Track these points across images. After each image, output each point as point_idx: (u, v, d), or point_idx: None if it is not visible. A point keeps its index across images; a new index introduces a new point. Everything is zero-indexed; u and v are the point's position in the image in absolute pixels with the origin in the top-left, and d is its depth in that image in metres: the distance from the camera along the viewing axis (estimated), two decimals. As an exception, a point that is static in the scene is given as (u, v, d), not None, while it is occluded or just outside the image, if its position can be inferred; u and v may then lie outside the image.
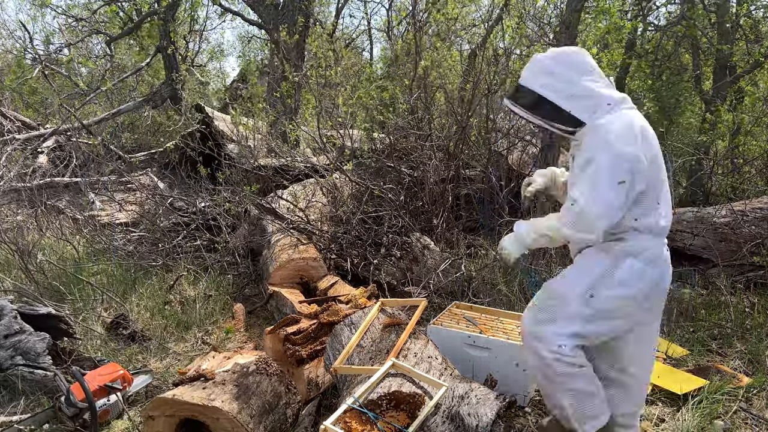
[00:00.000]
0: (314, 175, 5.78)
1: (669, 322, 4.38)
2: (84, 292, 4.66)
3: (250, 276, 5.36)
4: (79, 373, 3.04)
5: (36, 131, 8.72)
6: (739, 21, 8.26)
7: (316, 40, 7.43)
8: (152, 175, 7.61)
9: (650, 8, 9.76)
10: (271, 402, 2.77)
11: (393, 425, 2.18)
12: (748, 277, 5.11)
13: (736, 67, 8.63)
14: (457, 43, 8.56)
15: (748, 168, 7.43)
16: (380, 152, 5.99)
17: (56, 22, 13.10)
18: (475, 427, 2.14)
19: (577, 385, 2.26)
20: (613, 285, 2.21)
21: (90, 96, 10.19)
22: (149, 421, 2.63)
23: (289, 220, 5.26)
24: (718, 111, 7.45)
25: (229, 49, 32.76)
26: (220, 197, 5.63)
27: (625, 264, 2.21)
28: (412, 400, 2.29)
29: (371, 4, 27.20)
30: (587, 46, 9.23)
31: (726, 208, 5.70)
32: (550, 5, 9.67)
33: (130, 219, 6.74)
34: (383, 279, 4.89)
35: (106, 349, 3.94)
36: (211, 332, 4.33)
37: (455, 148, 5.92)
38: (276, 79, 7.29)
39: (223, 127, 7.28)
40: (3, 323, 3.44)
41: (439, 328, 3.26)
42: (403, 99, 6.30)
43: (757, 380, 3.41)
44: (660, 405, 3.18)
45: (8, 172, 7.18)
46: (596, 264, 2.26)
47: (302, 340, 3.33)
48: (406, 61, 6.87)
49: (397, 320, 2.97)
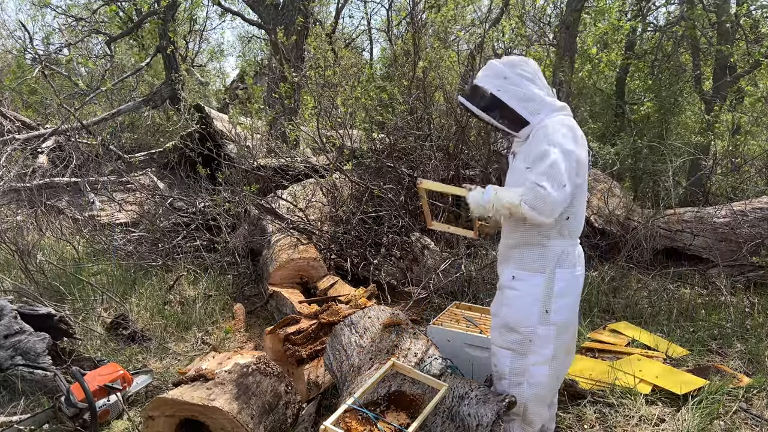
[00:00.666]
0: (314, 175, 5.78)
1: (669, 322, 4.39)
2: (84, 292, 4.66)
3: (250, 276, 5.36)
4: (79, 373, 3.03)
5: (36, 131, 8.72)
6: (739, 21, 8.26)
7: (315, 40, 7.43)
8: (152, 175, 7.61)
9: (650, 8, 9.77)
10: (271, 402, 2.77)
11: (393, 425, 2.18)
12: (748, 277, 5.11)
13: (736, 67, 8.64)
14: (456, 43, 8.56)
15: (748, 168, 7.44)
16: (380, 152, 5.99)
17: (56, 22, 13.12)
18: (475, 427, 2.14)
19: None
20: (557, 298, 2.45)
21: (90, 96, 10.19)
22: (149, 421, 2.63)
23: (289, 220, 5.26)
24: (718, 111, 7.46)
25: (229, 49, 32.82)
26: (219, 197, 5.63)
27: (556, 276, 2.45)
28: (412, 400, 2.29)
29: (371, 4, 27.21)
30: (587, 46, 9.25)
31: (726, 208, 5.71)
32: (550, 5, 9.68)
33: (129, 219, 6.74)
34: (383, 279, 4.90)
35: (106, 349, 3.94)
36: (211, 332, 4.33)
37: (455, 148, 5.92)
38: (275, 79, 7.28)
39: (223, 127, 7.29)
40: (3, 323, 3.44)
41: (439, 328, 3.26)
42: (402, 99, 6.30)
43: (757, 380, 3.41)
44: (660, 405, 3.19)
45: (8, 172, 7.18)
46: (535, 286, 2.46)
47: (302, 340, 3.32)
48: (406, 61, 6.87)
49: (397, 320, 2.97)
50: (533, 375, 2.49)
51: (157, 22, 9.84)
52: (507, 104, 2.42)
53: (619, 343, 3.99)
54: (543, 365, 2.49)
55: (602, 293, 4.80)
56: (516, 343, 2.49)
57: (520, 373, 2.50)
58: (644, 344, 3.97)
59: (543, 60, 8.07)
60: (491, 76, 2.46)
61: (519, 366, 2.50)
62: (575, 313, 2.57)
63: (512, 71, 2.43)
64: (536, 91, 2.44)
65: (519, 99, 2.41)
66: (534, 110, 2.42)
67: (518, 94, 2.41)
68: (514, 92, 2.42)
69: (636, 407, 3.10)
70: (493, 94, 2.43)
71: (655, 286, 5.05)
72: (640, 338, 4.04)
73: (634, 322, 4.37)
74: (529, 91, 2.42)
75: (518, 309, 2.48)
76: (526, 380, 2.49)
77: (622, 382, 3.33)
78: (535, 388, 2.50)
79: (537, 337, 2.45)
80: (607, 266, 5.32)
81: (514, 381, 2.49)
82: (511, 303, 2.51)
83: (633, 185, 8.03)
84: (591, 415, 3.11)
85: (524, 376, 2.49)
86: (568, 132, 2.35)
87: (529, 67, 2.47)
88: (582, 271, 2.56)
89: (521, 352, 2.48)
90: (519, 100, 2.41)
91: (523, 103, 2.41)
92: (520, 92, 2.42)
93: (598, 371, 3.53)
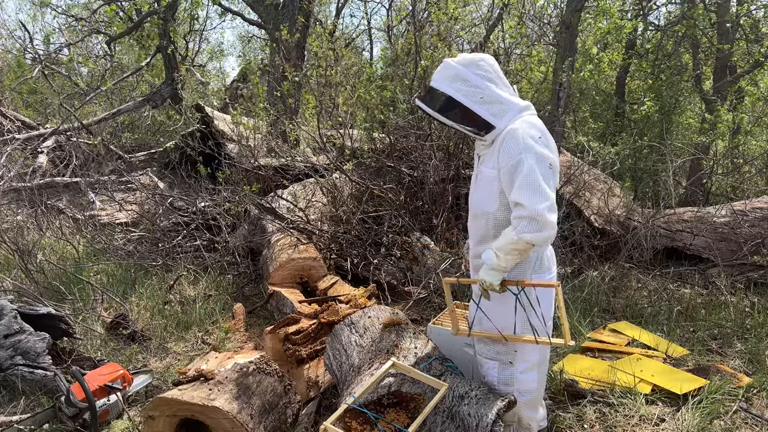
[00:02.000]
0: (314, 175, 5.77)
1: (669, 321, 4.38)
2: (84, 292, 4.67)
3: (250, 276, 5.36)
4: (79, 373, 3.04)
5: (36, 131, 8.72)
6: (739, 21, 8.26)
7: (316, 40, 7.42)
8: (152, 175, 7.61)
9: (650, 8, 9.76)
10: (271, 402, 2.77)
11: (393, 425, 2.18)
12: (748, 277, 5.11)
13: (736, 67, 8.63)
14: (457, 42, 8.56)
15: (748, 168, 7.43)
16: (380, 152, 5.99)
17: (56, 21, 13.11)
18: (475, 427, 2.13)
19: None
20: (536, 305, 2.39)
21: (90, 96, 10.19)
22: (149, 421, 2.63)
23: (289, 220, 5.26)
24: (718, 111, 7.45)
25: (229, 49, 32.76)
26: (220, 197, 5.63)
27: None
28: (412, 400, 2.29)
29: (371, 4, 27.16)
30: (587, 46, 9.24)
31: (726, 208, 5.70)
32: (550, 5, 9.68)
33: (130, 219, 6.74)
34: (383, 279, 4.89)
35: (106, 349, 3.94)
36: (211, 332, 4.33)
37: (455, 147, 5.91)
38: (276, 78, 7.28)
39: (223, 126, 7.29)
40: (3, 323, 3.44)
41: (439, 328, 3.26)
42: (403, 99, 6.29)
43: (757, 380, 3.41)
44: (660, 405, 3.18)
45: (8, 172, 7.18)
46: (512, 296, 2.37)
47: (302, 340, 3.33)
48: (406, 60, 6.87)
49: (397, 320, 2.97)
50: (522, 383, 2.46)
51: (157, 22, 9.84)
52: (469, 108, 2.27)
53: (619, 342, 3.99)
54: (531, 371, 2.47)
55: (602, 293, 4.79)
56: (501, 353, 2.46)
57: (508, 382, 2.47)
58: (644, 344, 3.97)
59: (543, 60, 8.08)
60: (449, 78, 2.29)
61: (506, 375, 2.47)
62: (552, 312, 2.51)
63: (471, 72, 2.28)
64: (499, 92, 2.29)
65: (482, 102, 2.27)
66: (499, 113, 2.28)
67: (479, 96, 2.27)
68: (476, 95, 2.26)
69: (636, 407, 3.10)
70: (452, 97, 2.28)
71: (655, 286, 5.05)
72: (640, 338, 4.04)
73: (634, 322, 4.37)
74: (492, 93, 2.28)
75: (498, 320, 2.42)
76: (516, 389, 2.46)
77: (622, 381, 3.33)
78: (526, 396, 2.47)
79: (521, 345, 2.42)
80: (607, 266, 5.31)
81: (504, 391, 2.44)
82: (491, 314, 2.44)
83: (633, 185, 8.02)
84: (591, 414, 3.11)
85: (513, 385, 2.47)
86: (538, 134, 2.24)
87: (489, 66, 2.32)
88: (555, 270, 2.52)
89: (507, 361, 2.45)
90: (482, 104, 2.27)
91: (487, 105, 2.27)
92: (482, 95, 2.27)
93: (599, 371, 3.53)
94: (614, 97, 9.89)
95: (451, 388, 2.35)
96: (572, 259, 5.33)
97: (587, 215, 5.85)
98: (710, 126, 7.62)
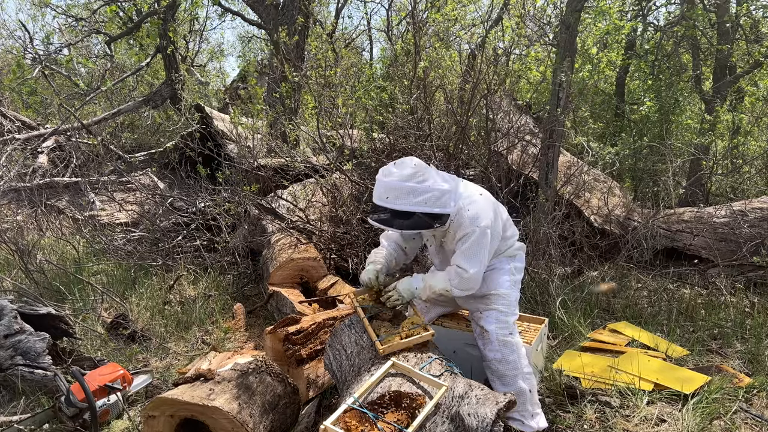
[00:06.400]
0: (314, 175, 5.77)
1: (669, 322, 4.39)
2: (84, 292, 4.67)
3: (250, 276, 5.36)
4: (79, 373, 3.03)
5: (36, 131, 8.72)
6: (739, 21, 8.26)
7: (315, 41, 7.43)
8: (152, 175, 7.61)
9: (650, 8, 9.76)
10: (271, 402, 2.77)
11: (393, 425, 2.18)
12: (748, 277, 5.11)
13: (735, 67, 8.64)
14: (456, 43, 8.56)
15: (748, 168, 7.44)
16: (380, 152, 5.99)
17: (56, 22, 13.09)
18: (475, 427, 2.13)
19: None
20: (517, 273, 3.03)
21: (90, 96, 10.19)
22: (149, 420, 2.63)
23: (289, 220, 5.26)
24: (718, 111, 7.46)
25: (229, 49, 32.80)
26: (219, 197, 5.63)
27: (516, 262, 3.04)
28: (412, 400, 2.29)
29: (371, 4, 27.22)
30: (587, 46, 9.24)
31: (726, 208, 5.71)
32: (550, 5, 9.68)
33: (130, 219, 6.74)
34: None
35: (106, 349, 3.94)
36: (211, 332, 4.33)
37: (455, 148, 5.91)
38: (276, 79, 7.28)
39: (223, 127, 7.29)
40: (3, 323, 3.44)
41: (439, 327, 3.26)
42: (402, 99, 6.29)
43: (757, 380, 3.41)
44: (660, 405, 3.18)
45: (8, 172, 7.18)
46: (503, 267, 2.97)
47: (302, 340, 3.33)
48: (406, 61, 6.87)
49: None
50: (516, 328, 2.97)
51: (157, 22, 9.84)
52: (428, 213, 2.57)
53: (619, 342, 3.99)
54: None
55: (602, 293, 4.80)
56: (501, 303, 2.89)
57: (506, 326, 2.88)
58: (644, 344, 3.97)
59: (544, 60, 8.07)
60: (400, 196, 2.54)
61: (504, 320, 2.88)
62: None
63: (416, 182, 2.54)
64: (441, 185, 2.60)
65: (433, 203, 2.56)
66: (447, 202, 2.61)
67: (431, 197, 2.56)
68: (427, 200, 2.55)
69: (636, 406, 3.10)
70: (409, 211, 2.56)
71: (655, 286, 5.05)
72: (640, 338, 4.04)
73: (634, 322, 4.37)
74: (436, 190, 2.57)
75: (492, 280, 2.90)
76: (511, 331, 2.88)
77: (623, 377, 3.33)
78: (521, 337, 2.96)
79: (513, 299, 2.94)
80: (607, 266, 5.32)
81: (502, 333, 2.84)
82: (486, 279, 2.88)
83: (633, 185, 8.03)
84: (591, 414, 3.11)
85: (509, 328, 2.88)
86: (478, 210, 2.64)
87: (421, 168, 2.59)
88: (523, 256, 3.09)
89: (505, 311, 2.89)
90: (433, 205, 2.57)
91: (438, 201, 2.58)
92: (431, 197, 2.56)
93: (598, 367, 3.53)
94: (614, 98, 9.90)
95: (451, 388, 2.35)
96: (572, 259, 5.33)
97: (587, 215, 5.85)
98: (710, 126, 7.63)
